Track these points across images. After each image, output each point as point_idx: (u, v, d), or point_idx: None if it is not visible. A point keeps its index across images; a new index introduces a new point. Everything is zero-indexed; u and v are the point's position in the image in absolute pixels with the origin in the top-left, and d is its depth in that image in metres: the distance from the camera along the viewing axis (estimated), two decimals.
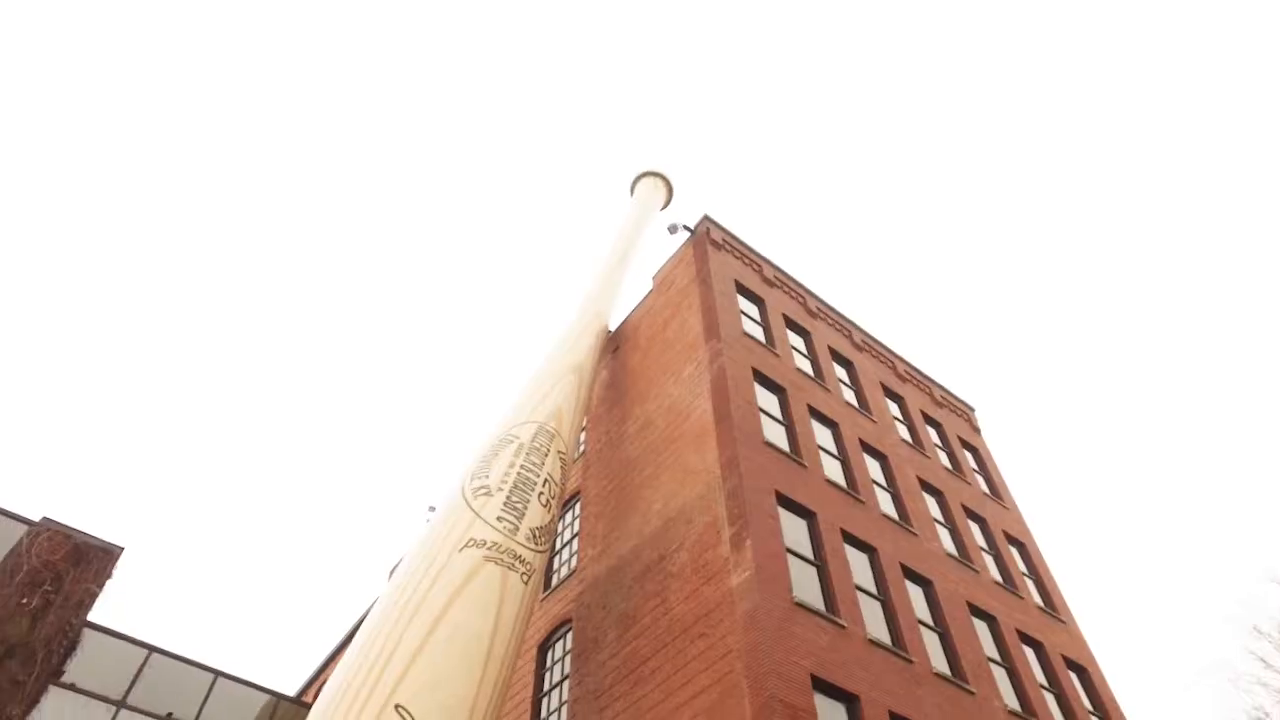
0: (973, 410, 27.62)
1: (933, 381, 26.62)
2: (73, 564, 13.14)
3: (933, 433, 24.07)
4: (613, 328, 23.72)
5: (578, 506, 20.18)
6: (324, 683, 20.18)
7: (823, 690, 12.37)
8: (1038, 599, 20.30)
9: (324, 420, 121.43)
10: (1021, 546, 22.13)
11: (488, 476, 13.34)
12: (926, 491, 20.56)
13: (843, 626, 13.68)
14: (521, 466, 13.72)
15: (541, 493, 13.65)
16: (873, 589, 15.54)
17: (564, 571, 19.07)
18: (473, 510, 12.67)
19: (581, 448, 21.39)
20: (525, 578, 12.39)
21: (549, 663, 17.73)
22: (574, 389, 16.66)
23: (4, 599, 12.24)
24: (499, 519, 12.65)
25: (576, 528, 19.64)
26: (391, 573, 22.81)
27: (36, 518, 13.40)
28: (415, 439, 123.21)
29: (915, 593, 16.51)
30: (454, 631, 11.19)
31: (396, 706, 10.36)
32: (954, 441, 24.36)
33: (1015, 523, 22.92)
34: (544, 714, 16.88)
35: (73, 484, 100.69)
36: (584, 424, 21.44)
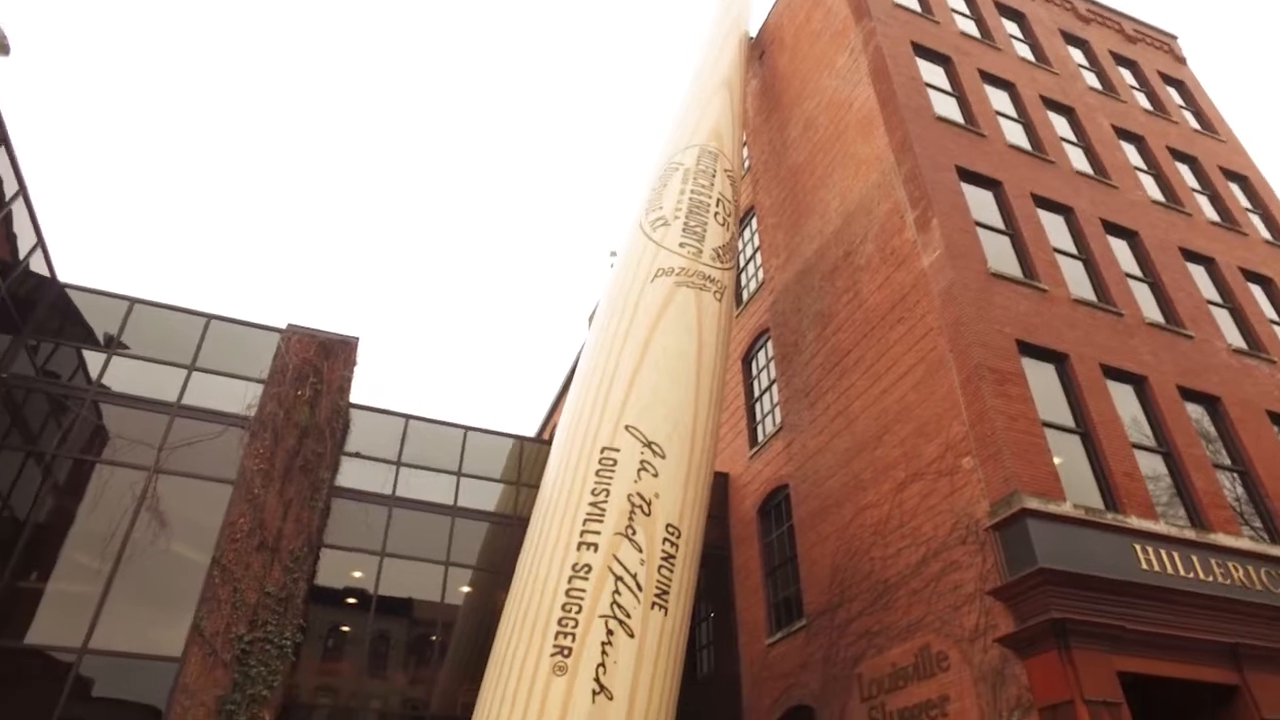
0: (1174, 39, 24.35)
1: (1123, 15, 23.48)
2: (324, 358, 14.98)
3: (1127, 74, 21.62)
4: (753, 33, 22.35)
5: (754, 221, 20.28)
6: (555, 424, 22.55)
7: (1030, 353, 12.40)
8: (1265, 234, 18.74)
9: (494, 186, 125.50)
10: (1243, 180, 20.17)
11: (661, 207, 13.58)
12: (1124, 139, 18.86)
13: (1044, 290, 13.40)
14: (692, 191, 13.82)
15: (717, 213, 13.78)
16: (1072, 249, 14.94)
17: (753, 286, 19.59)
18: (654, 242, 13.07)
19: (747, 163, 21.10)
20: (718, 296, 12.88)
21: (754, 372, 18.78)
22: (727, 105, 16.16)
23: (284, 394, 14.29)
24: (681, 245, 13.01)
25: (757, 242, 19.87)
26: (590, 319, 24.34)
27: (282, 325, 15.22)
28: (587, 189, 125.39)
29: (1120, 246, 15.71)
30: (662, 355, 12.01)
31: (627, 427, 11.50)
32: (1153, 79, 21.83)
33: (1234, 156, 20.75)
34: (758, 418, 18.16)
35: (282, 290, 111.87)
36: (744, 138, 20.96)
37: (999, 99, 17.44)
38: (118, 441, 13.52)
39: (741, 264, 20.25)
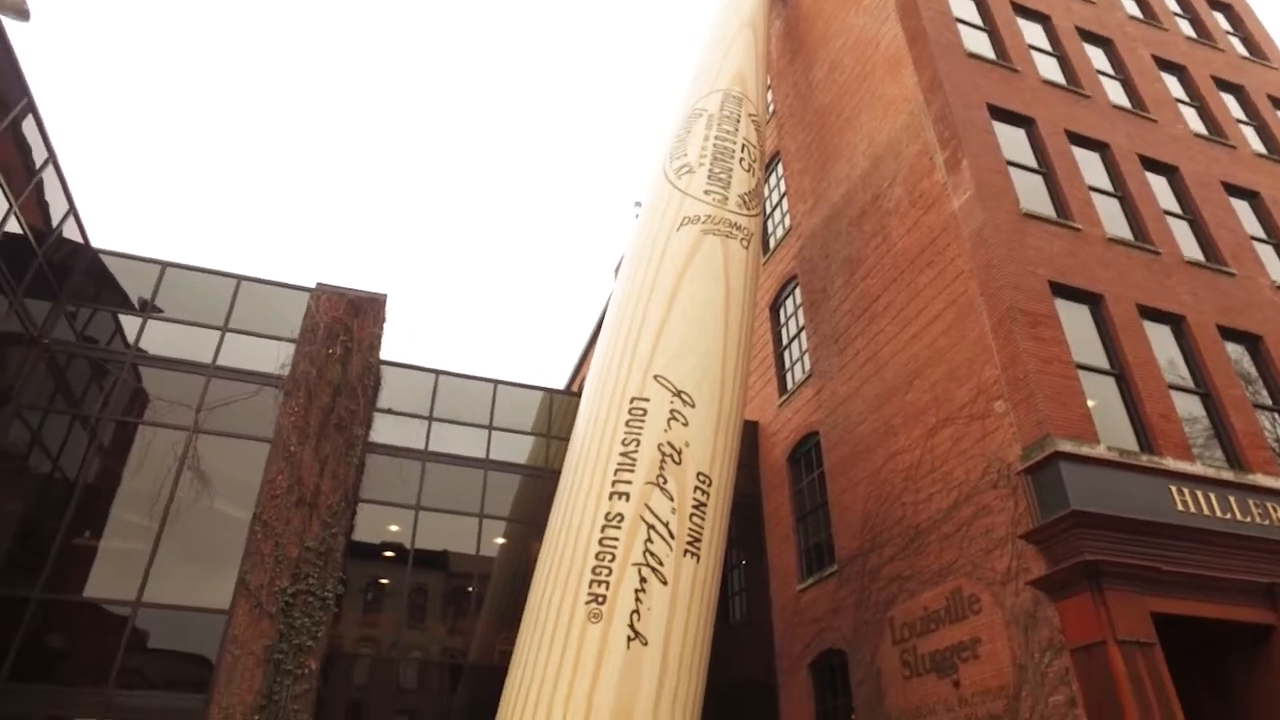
0: None
1: None
2: (353, 315, 15.11)
3: (1170, 0, 20.78)
4: None
5: (780, 167, 19.97)
6: (584, 376, 22.67)
7: (1063, 295, 12.18)
8: None
9: (513, 133, 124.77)
10: None
11: (685, 155, 13.40)
12: (1165, 70, 18.20)
13: (1078, 229, 13.10)
14: (716, 137, 13.61)
15: (742, 158, 13.58)
16: (1108, 187, 14.55)
17: (779, 233, 19.38)
18: (679, 190, 12.93)
19: (771, 107, 20.70)
20: (745, 243, 12.76)
21: (783, 320, 18.68)
22: (750, 47, 15.81)
23: (316, 353, 14.48)
24: (706, 192, 12.86)
25: (783, 187, 19.60)
26: (616, 270, 24.29)
27: (311, 284, 15.36)
28: (611, 142, 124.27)
29: (1158, 183, 15.27)
30: (689, 303, 11.97)
31: (655, 377, 11.53)
32: (1198, 4, 20.96)
33: None
34: (787, 365, 18.11)
35: (306, 250, 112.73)
36: (769, 82, 20.53)
37: (1032, 32, 16.88)
38: (157, 403, 13.82)
39: (768, 210, 20.00)
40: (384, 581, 14.67)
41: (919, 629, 12.01)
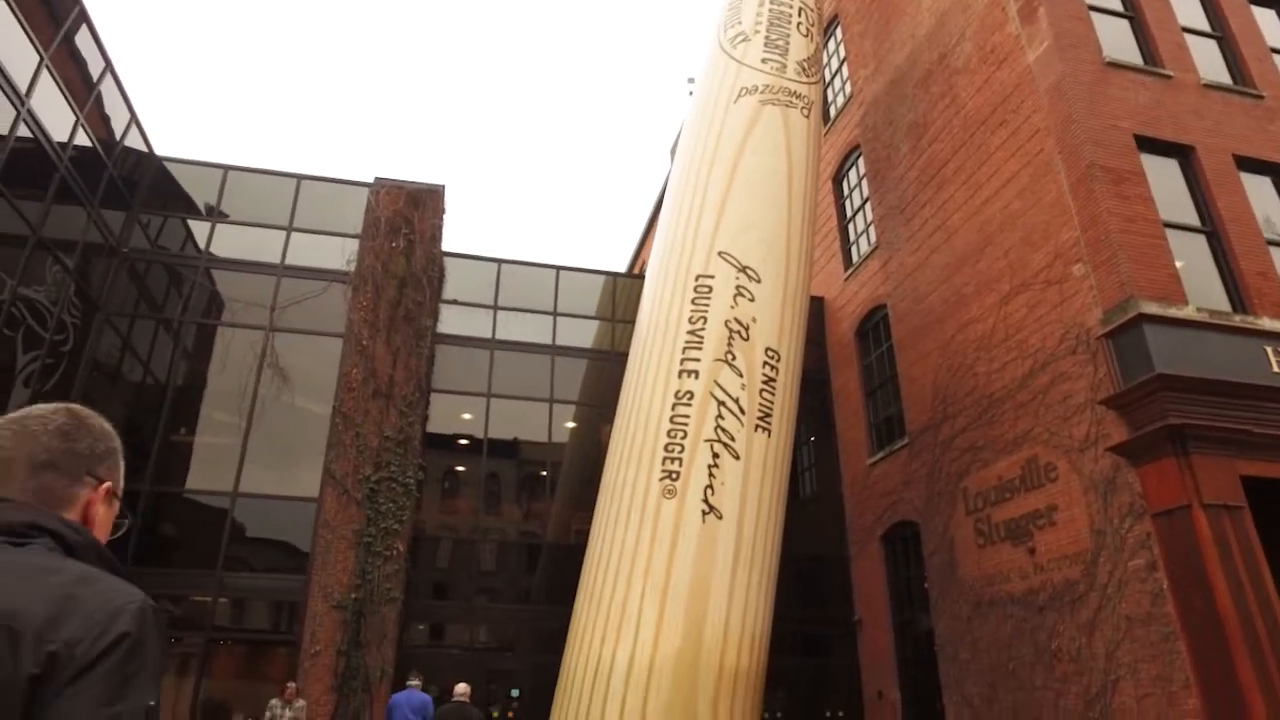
0: None
1: None
2: (413, 208, 15.13)
3: None
4: None
5: (838, 30, 18.91)
6: (646, 258, 22.51)
7: (1150, 149, 11.41)
8: None
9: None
10: None
11: (740, 23, 12.72)
12: None
13: (1168, 76, 12.16)
14: (772, 2, 12.86)
15: (799, 23, 12.84)
16: (1204, 27, 13.38)
17: (840, 101, 18.52)
18: (735, 60, 12.35)
19: None
20: (805, 112, 12.22)
21: (846, 192, 18.10)
22: None
23: (379, 247, 14.61)
24: (764, 60, 12.25)
25: (842, 53, 18.61)
26: (672, 150, 23.69)
27: (369, 179, 15.36)
28: (661, 19, 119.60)
29: (1266, 17, 13.97)
30: (751, 176, 11.61)
31: (719, 253, 11.33)
32: None
33: None
34: (852, 239, 17.66)
35: (360, 145, 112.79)
36: None
37: None
38: (233, 304, 14.23)
39: (826, 78, 19.06)
40: (460, 469, 15.21)
41: (993, 498, 11.99)
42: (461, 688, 9.82)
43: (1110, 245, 10.10)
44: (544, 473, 15.40)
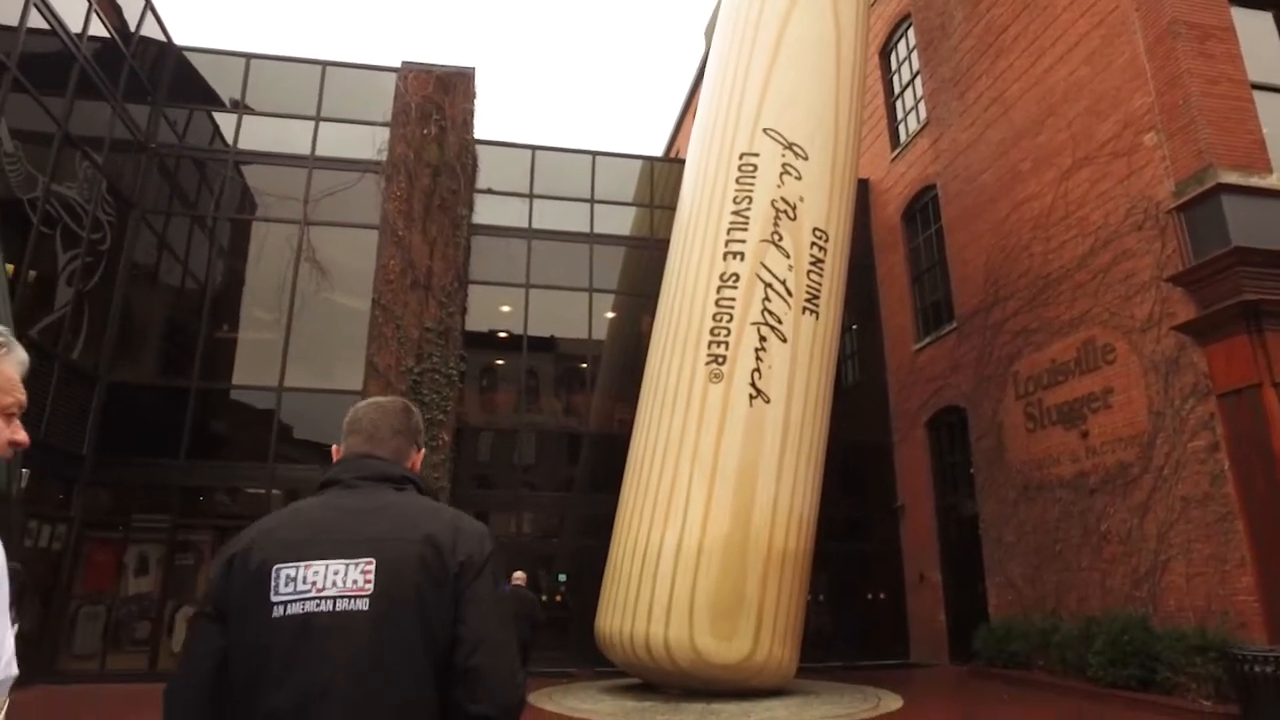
0: None
1: None
2: (443, 93, 14.59)
3: None
4: None
5: None
6: (683, 142, 21.78)
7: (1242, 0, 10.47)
8: None
9: None
10: None
11: None
12: None
13: None
14: None
15: None
16: None
17: None
18: None
19: None
20: None
21: (894, 66, 17.15)
22: None
23: (410, 135, 14.19)
24: None
25: None
26: (708, 30, 22.56)
27: (396, 64, 14.79)
28: None
29: None
30: (797, 45, 10.96)
31: (765, 130, 10.81)
32: None
33: None
34: (899, 116, 16.84)
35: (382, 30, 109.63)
36: None
37: None
38: (266, 198, 14.02)
39: None
40: (500, 362, 15.18)
41: (1045, 381, 11.69)
42: (518, 575, 10.00)
43: (1189, 110, 9.41)
44: (585, 363, 15.33)
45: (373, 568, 1.39)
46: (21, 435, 1.28)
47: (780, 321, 9.68)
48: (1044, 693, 9.96)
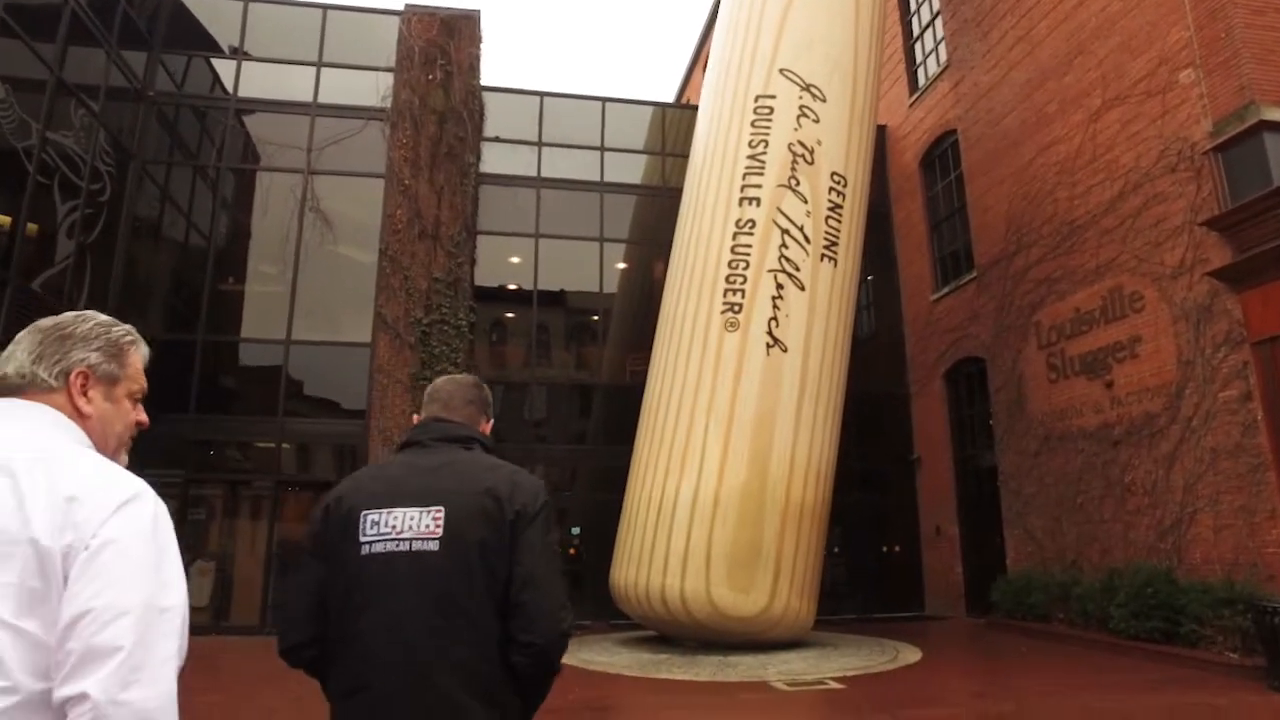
0: None
1: None
2: (448, 36, 14.14)
3: None
4: None
5: None
6: (695, 88, 21.21)
7: None
8: None
9: None
10: None
11: None
12: None
13: None
14: None
15: None
16: None
17: None
18: None
19: None
20: None
21: (913, 8, 16.54)
22: None
23: (415, 80, 13.78)
24: None
25: None
26: None
27: (399, 6, 14.33)
28: None
29: None
30: None
31: (781, 71, 10.40)
32: None
33: None
34: (919, 60, 16.31)
35: None
36: None
37: None
38: (268, 148, 13.69)
39: None
40: (510, 315, 14.95)
41: (1068, 331, 11.39)
42: None
43: (1231, 43, 8.95)
44: (595, 315, 15.09)
45: (442, 515, 1.63)
46: (144, 417, 1.42)
47: (798, 269, 9.38)
48: (1064, 645, 9.85)
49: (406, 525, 1.63)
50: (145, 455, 12.46)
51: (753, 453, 8.77)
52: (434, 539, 1.62)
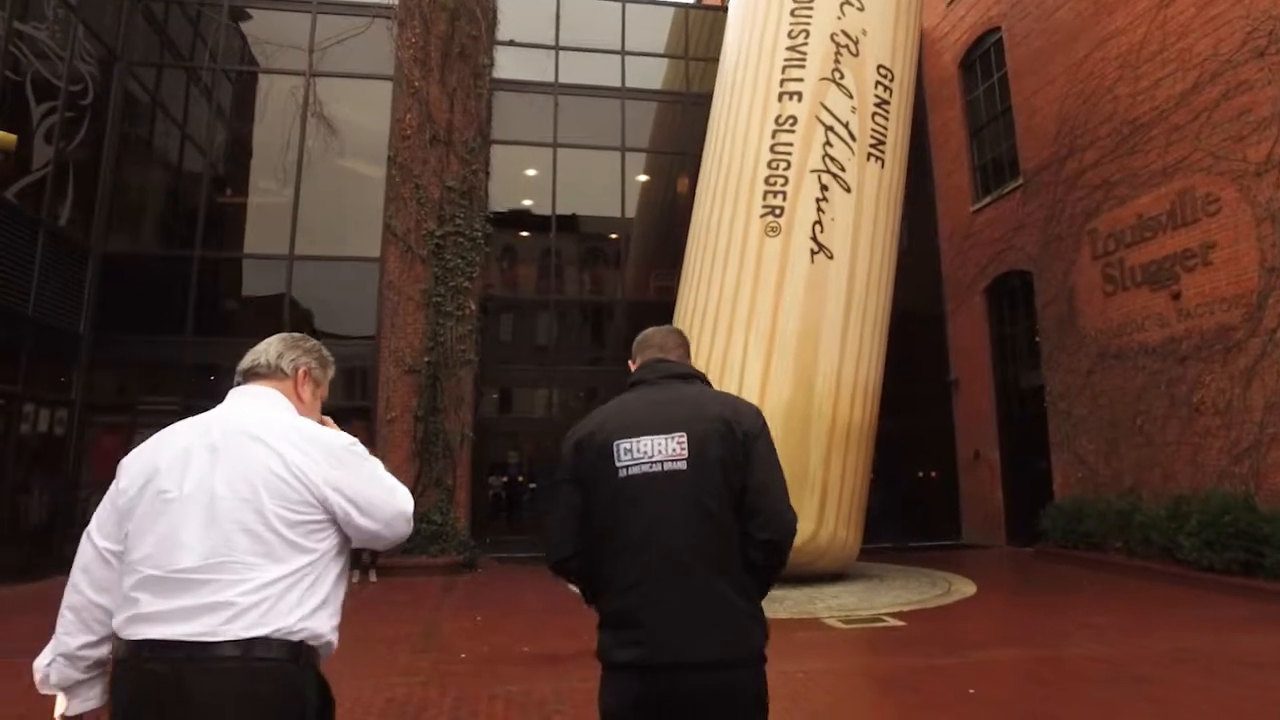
0: None
1: None
2: None
3: None
4: None
5: None
6: None
7: None
8: None
9: None
10: None
11: None
12: None
13: None
14: None
15: None
16: None
17: None
18: None
19: None
20: None
21: None
22: None
23: None
24: None
25: None
26: None
27: None
28: None
29: None
30: None
31: None
32: None
33: None
34: None
35: None
36: None
37: None
38: (266, 48, 12.76)
39: None
40: (528, 230, 14.16)
41: (1129, 239, 10.56)
42: None
43: None
44: (616, 228, 14.28)
45: (685, 439, 1.87)
46: (328, 420, 1.96)
47: (843, 169, 8.54)
48: (1125, 576, 9.22)
49: (656, 450, 1.85)
50: (141, 382, 11.92)
51: (797, 368, 8.08)
52: (682, 460, 1.84)
